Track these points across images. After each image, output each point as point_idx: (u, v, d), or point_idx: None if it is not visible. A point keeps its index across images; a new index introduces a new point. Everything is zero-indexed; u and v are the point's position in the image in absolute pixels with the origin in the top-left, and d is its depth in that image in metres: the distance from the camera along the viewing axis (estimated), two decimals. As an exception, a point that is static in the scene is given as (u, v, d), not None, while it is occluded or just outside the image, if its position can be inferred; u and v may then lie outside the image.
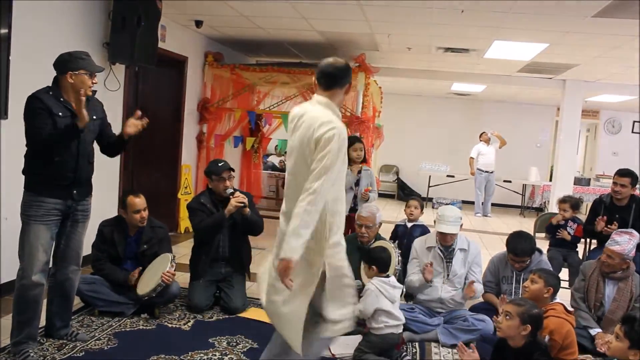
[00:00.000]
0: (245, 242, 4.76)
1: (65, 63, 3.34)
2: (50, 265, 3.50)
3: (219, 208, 4.54)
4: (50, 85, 3.37)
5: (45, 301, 3.54)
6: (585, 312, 4.25)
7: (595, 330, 4.12)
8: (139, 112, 3.64)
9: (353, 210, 5.39)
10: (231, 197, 4.47)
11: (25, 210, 3.34)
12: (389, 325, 3.66)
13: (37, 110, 3.24)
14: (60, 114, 3.28)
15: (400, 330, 3.78)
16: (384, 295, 3.66)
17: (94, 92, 3.57)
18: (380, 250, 3.89)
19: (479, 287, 4.25)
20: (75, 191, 3.43)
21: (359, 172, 5.44)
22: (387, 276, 3.78)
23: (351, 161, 5.41)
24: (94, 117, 3.48)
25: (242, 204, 4.44)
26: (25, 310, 3.37)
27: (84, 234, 3.62)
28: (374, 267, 3.76)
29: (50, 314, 3.66)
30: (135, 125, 3.59)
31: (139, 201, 4.27)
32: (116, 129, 5.67)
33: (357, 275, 4.24)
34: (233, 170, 4.65)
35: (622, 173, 5.06)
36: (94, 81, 3.39)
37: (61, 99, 3.32)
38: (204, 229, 4.50)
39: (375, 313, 3.65)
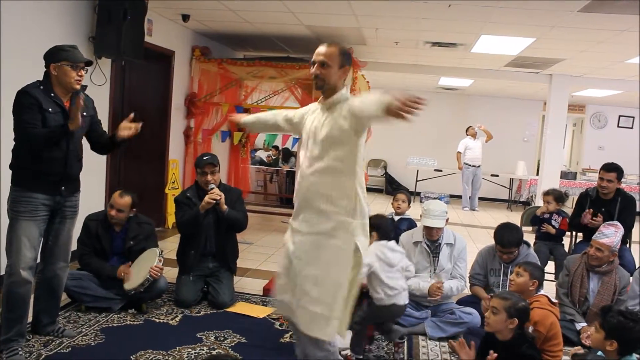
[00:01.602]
0: (232, 237, 4.75)
1: (49, 55, 3.32)
2: (38, 261, 3.47)
3: None
4: (40, 79, 3.33)
5: (32, 297, 3.52)
6: (570, 308, 4.28)
7: (580, 325, 4.15)
8: (132, 115, 3.59)
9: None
10: (209, 192, 4.46)
11: (14, 206, 3.31)
12: (390, 295, 3.56)
13: (27, 105, 3.19)
14: (50, 109, 3.25)
15: (406, 301, 3.69)
16: (381, 259, 3.57)
17: (85, 87, 3.53)
18: (379, 216, 3.83)
19: (452, 286, 4.25)
20: (63, 187, 3.40)
21: None
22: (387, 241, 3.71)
23: None
24: (84, 114, 3.44)
25: (215, 201, 4.42)
26: (15, 307, 3.34)
27: (72, 231, 3.60)
28: (373, 233, 3.60)
29: (37, 311, 3.63)
30: (128, 128, 3.53)
31: (120, 201, 4.23)
32: (103, 124, 5.65)
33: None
34: (216, 165, 4.60)
35: (609, 168, 5.08)
36: (79, 73, 3.33)
37: (52, 94, 3.29)
38: (182, 224, 4.53)
39: (373, 281, 3.56)
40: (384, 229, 3.73)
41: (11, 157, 3.37)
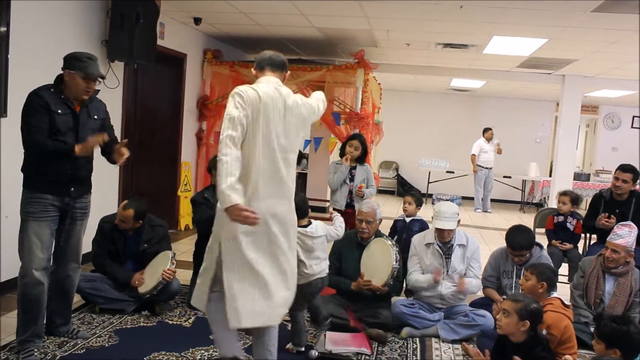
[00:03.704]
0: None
1: (68, 60, 3.34)
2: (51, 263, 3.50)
3: None
4: (52, 82, 3.37)
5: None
6: (585, 310, 4.25)
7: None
8: (126, 141, 3.60)
9: (350, 206, 5.39)
10: None
11: (24, 208, 3.34)
12: (309, 274, 3.52)
13: (36, 108, 3.24)
14: (59, 111, 3.28)
15: (320, 276, 3.63)
16: (302, 247, 3.48)
17: (97, 91, 3.56)
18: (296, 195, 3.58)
19: (472, 282, 4.25)
20: (72, 188, 3.42)
21: (354, 168, 5.43)
22: (307, 225, 3.59)
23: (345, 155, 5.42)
24: (95, 117, 3.49)
25: None
26: (30, 308, 3.37)
27: (83, 232, 3.62)
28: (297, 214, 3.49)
29: (50, 312, 3.66)
30: (121, 154, 3.49)
31: (123, 213, 4.24)
32: (116, 129, 5.68)
33: (358, 272, 4.25)
34: None
35: (625, 169, 5.04)
36: (90, 85, 3.36)
37: (62, 96, 3.32)
38: (203, 222, 4.54)
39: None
40: (300, 208, 3.37)
41: (23, 160, 3.41)
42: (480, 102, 13.77)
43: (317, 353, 3.67)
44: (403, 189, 13.38)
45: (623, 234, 4.19)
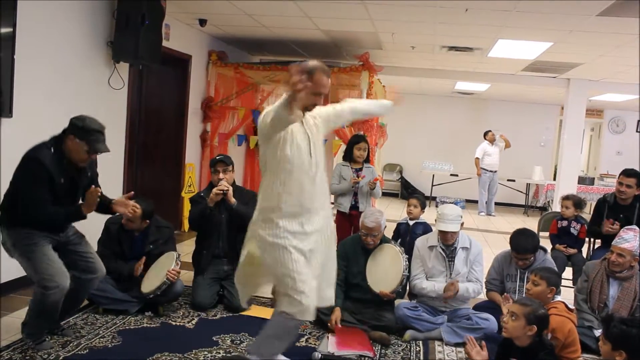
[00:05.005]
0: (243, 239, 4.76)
1: (76, 127, 3.32)
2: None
3: (218, 202, 4.54)
4: (55, 137, 3.36)
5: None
6: (588, 314, 4.24)
7: (598, 331, 4.10)
8: (132, 193, 3.69)
9: (354, 207, 5.39)
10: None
11: (25, 243, 3.35)
12: None
13: (39, 181, 3.22)
14: (62, 181, 3.30)
15: None
16: None
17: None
18: None
19: (468, 287, 4.22)
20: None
21: (360, 169, 5.44)
22: None
23: (353, 159, 5.43)
24: (89, 174, 3.54)
25: (222, 192, 4.45)
26: (50, 315, 3.47)
27: (89, 244, 3.70)
28: None
29: (62, 312, 3.69)
30: (124, 205, 3.59)
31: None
32: (120, 130, 5.70)
33: (363, 276, 4.25)
34: (228, 164, 4.63)
35: (629, 173, 5.02)
36: (92, 157, 3.41)
37: (63, 161, 3.32)
38: (191, 219, 4.60)
39: None
40: None
41: (4, 199, 3.41)
42: (485, 105, 13.75)
43: (320, 355, 3.67)
44: (407, 191, 13.35)
45: (629, 238, 4.18)
